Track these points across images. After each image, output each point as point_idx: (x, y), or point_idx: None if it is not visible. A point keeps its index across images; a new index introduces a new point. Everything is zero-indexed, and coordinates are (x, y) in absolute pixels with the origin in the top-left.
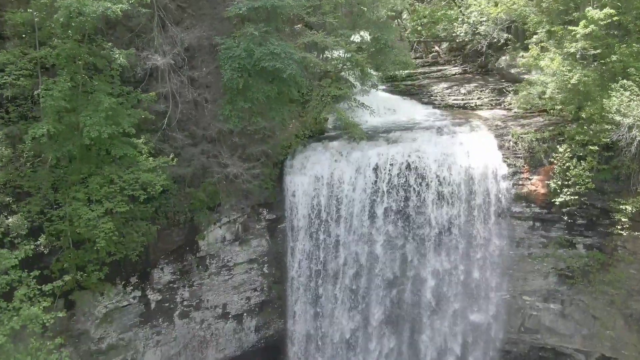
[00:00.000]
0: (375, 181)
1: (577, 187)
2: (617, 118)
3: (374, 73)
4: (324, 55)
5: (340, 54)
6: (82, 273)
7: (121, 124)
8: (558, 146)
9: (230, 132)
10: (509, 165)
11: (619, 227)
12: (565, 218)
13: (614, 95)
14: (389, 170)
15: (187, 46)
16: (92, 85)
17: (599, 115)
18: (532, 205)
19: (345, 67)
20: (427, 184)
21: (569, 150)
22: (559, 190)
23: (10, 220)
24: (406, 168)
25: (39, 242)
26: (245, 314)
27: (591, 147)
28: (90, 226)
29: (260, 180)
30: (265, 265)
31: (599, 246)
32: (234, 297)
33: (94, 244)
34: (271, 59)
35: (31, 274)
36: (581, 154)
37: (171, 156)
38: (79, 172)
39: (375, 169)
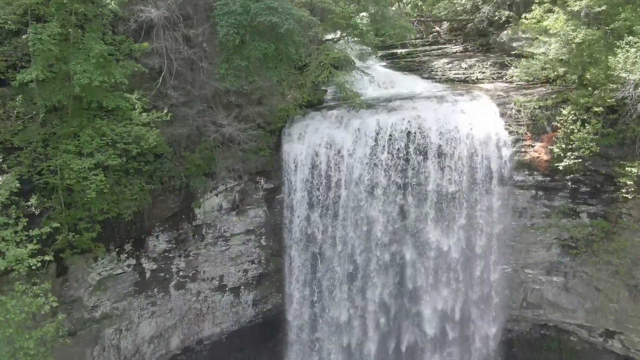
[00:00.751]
0: (375, 148)
1: (581, 150)
2: (623, 75)
3: (374, 38)
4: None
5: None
6: (74, 234)
7: (113, 74)
8: (562, 109)
9: (227, 91)
10: (510, 132)
11: (624, 190)
12: (569, 183)
13: (619, 53)
14: (389, 137)
15: (182, 2)
16: (82, 35)
17: (603, 76)
18: (535, 173)
19: (344, 35)
20: (427, 151)
21: (573, 112)
22: (562, 155)
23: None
24: (406, 135)
25: (30, 203)
26: (242, 287)
27: (596, 109)
28: (81, 178)
29: (256, 142)
30: (263, 237)
31: (603, 214)
32: (231, 269)
33: (86, 201)
34: (268, 14)
35: (19, 221)
36: (585, 117)
37: (165, 110)
38: (70, 126)
39: (375, 136)
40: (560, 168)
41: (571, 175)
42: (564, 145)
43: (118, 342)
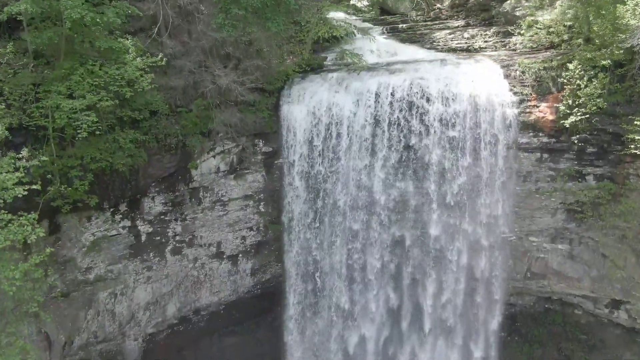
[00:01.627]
0: (376, 110)
1: (588, 107)
2: (632, 22)
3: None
4: None
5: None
6: (65, 186)
7: (105, 13)
8: (569, 64)
9: (224, 41)
10: (515, 93)
11: (632, 146)
12: (575, 144)
13: (629, 1)
14: (391, 99)
15: None
16: None
17: (611, 27)
18: (540, 134)
19: None
20: (429, 113)
21: (579, 67)
22: (568, 112)
23: None
24: (408, 95)
25: (21, 155)
26: (240, 255)
27: (603, 63)
28: (72, 119)
29: (254, 99)
30: (262, 203)
31: (609, 176)
32: (229, 235)
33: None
34: None
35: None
36: (592, 73)
37: (160, 56)
38: (62, 68)
39: (376, 98)
40: (567, 125)
41: (577, 135)
42: (570, 102)
43: (113, 306)
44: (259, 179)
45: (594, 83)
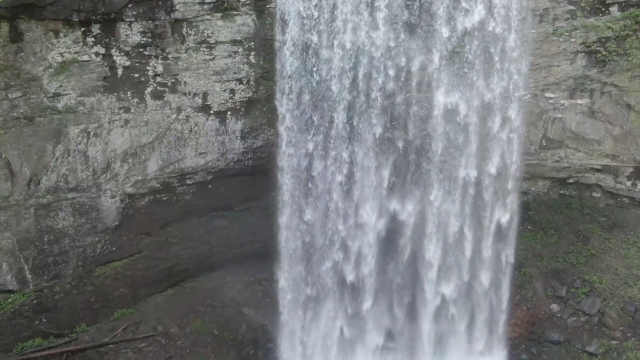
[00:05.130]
0: None
1: None
2: None
3: None
4: None
5: None
6: None
7: None
8: None
9: None
10: None
11: None
12: None
13: None
14: None
15: None
16: None
17: None
18: None
19: None
20: None
21: None
22: None
23: None
24: None
25: None
26: (229, 113)
27: None
28: None
29: None
30: (252, 53)
31: (636, 2)
32: (216, 85)
33: None
34: None
35: None
36: None
37: None
38: None
39: None
40: None
41: None
42: None
43: (85, 147)
44: (249, 23)
45: None
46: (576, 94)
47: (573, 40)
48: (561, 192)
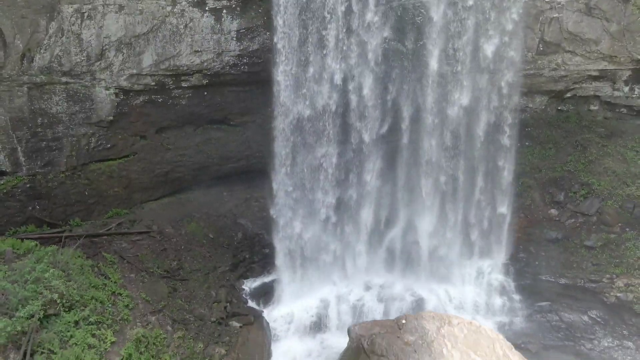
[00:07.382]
0: None
1: None
2: None
3: None
4: None
5: None
6: None
7: None
8: None
9: None
10: None
11: None
12: None
13: None
14: None
15: None
16: None
17: None
18: None
19: None
20: None
21: None
22: None
23: None
24: None
25: None
26: (225, 11)
27: None
28: None
29: None
30: None
31: None
32: None
33: None
34: None
35: None
36: None
37: None
38: None
39: None
40: None
41: None
42: None
43: (79, 29)
44: None
45: None
46: None
47: None
48: (559, 107)
